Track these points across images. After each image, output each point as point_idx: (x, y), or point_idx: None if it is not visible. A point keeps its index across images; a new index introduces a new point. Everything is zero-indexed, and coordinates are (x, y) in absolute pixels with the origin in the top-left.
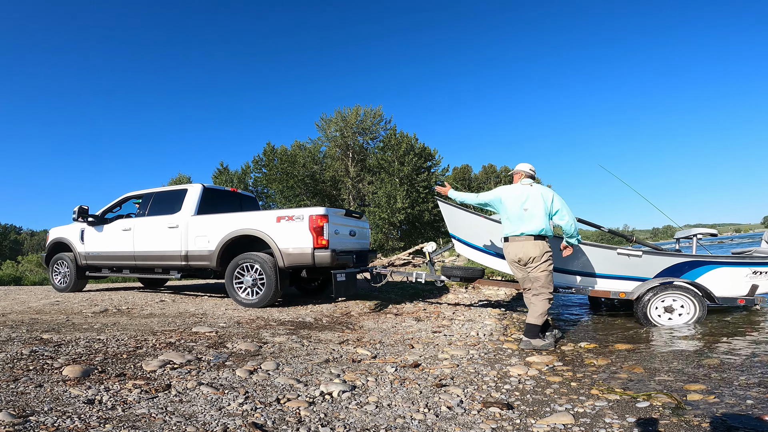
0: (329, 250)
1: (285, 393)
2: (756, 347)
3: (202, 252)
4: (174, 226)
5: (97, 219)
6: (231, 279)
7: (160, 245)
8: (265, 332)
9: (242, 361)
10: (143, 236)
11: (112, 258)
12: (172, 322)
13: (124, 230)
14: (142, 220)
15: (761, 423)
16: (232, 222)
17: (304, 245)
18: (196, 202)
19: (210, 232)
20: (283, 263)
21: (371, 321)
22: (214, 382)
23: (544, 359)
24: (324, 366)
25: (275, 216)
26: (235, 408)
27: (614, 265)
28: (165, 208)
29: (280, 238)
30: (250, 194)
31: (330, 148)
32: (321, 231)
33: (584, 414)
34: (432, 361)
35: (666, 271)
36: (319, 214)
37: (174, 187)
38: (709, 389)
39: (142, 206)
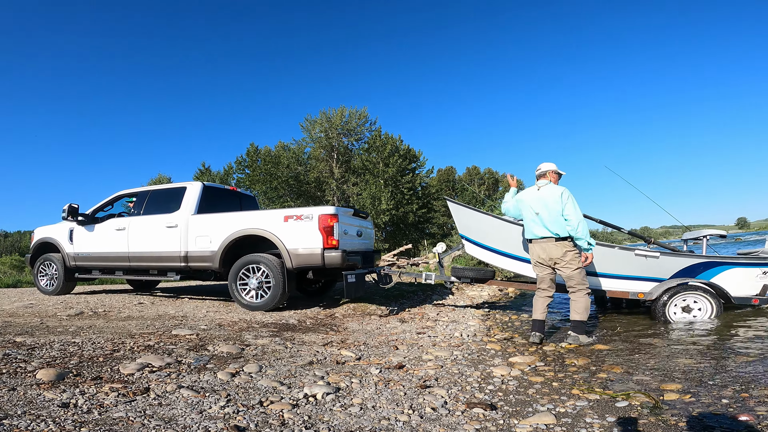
0: (340, 250)
1: (268, 395)
2: (732, 347)
3: (203, 253)
4: (172, 226)
5: (87, 218)
6: (235, 281)
7: (157, 245)
8: (248, 334)
9: (224, 364)
10: (139, 236)
11: (104, 259)
12: (151, 324)
13: (117, 230)
14: (137, 219)
15: (736, 422)
16: (236, 221)
17: (313, 245)
18: (196, 200)
19: (212, 232)
20: (291, 264)
21: (355, 323)
22: (195, 385)
23: (526, 359)
24: (308, 368)
25: (282, 215)
26: (217, 411)
27: (632, 266)
28: (162, 206)
29: (288, 238)
30: (249, 193)
31: (314, 149)
32: (331, 231)
33: (566, 414)
34: (416, 363)
35: (681, 272)
36: (330, 214)
37: (171, 185)
38: (685, 388)
39: (136, 205)
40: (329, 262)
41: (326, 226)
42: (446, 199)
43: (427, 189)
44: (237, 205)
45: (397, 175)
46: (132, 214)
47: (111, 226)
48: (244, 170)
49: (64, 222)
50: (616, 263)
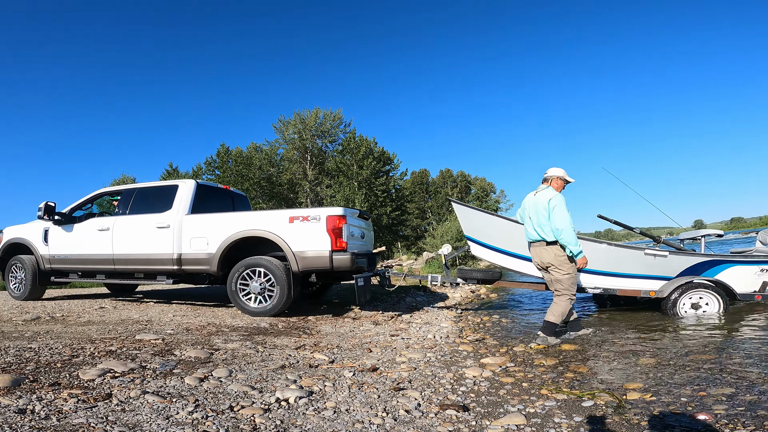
0: (349, 253)
1: (238, 400)
2: (690, 346)
3: (199, 255)
4: (164, 227)
5: (64, 217)
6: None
7: (147, 247)
8: (217, 339)
9: (192, 369)
10: (125, 237)
11: (84, 261)
12: (113, 329)
13: (100, 230)
14: (122, 219)
15: (694, 421)
16: (236, 222)
17: (321, 248)
18: (190, 199)
19: (209, 234)
20: (297, 267)
21: (329, 325)
22: (161, 391)
23: (497, 360)
24: (280, 372)
25: (288, 216)
26: (185, 417)
27: (641, 265)
28: (151, 206)
29: (294, 240)
30: (241, 192)
31: (287, 150)
32: (340, 233)
33: (535, 414)
34: (390, 365)
35: (687, 270)
36: (338, 215)
37: (161, 183)
38: (646, 387)
39: (122, 204)
40: (338, 265)
41: (335, 227)
42: (451, 200)
43: (400, 191)
44: (229, 204)
45: (371, 177)
46: (116, 214)
47: (92, 226)
48: (214, 171)
49: (38, 221)
50: (627, 263)
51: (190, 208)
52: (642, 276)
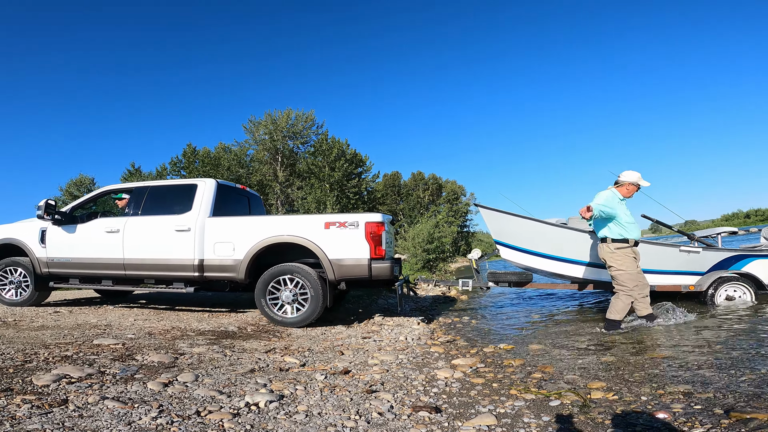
0: (388, 261)
1: (206, 405)
2: (648, 344)
3: (224, 262)
4: (184, 230)
5: (65, 217)
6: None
7: (163, 252)
8: (182, 343)
9: (155, 374)
10: (138, 241)
11: (89, 266)
12: (69, 334)
13: (108, 232)
14: (134, 220)
15: (654, 419)
16: (267, 226)
17: (360, 255)
18: (211, 200)
19: (236, 238)
20: (333, 276)
21: (300, 329)
22: (122, 396)
23: (468, 361)
24: (249, 376)
25: (323, 221)
26: (148, 422)
27: (677, 262)
28: (167, 206)
29: (330, 247)
30: (255, 193)
31: (258, 151)
32: (379, 240)
33: (505, 414)
34: (362, 367)
35: (717, 265)
36: (377, 221)
37: (177, 182)
38: (609, 386)
39: (133, 203)
40: (377, 274)
41: (374, 234)
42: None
43: (373, 194)
44: (245, 205)
45: (343, 180)
46: (126, 214)
47: (99, 227)
48: (179, 172)
49: (32, 221)
50: (666, 260)
51: (211, 210)
52: (679, 272)
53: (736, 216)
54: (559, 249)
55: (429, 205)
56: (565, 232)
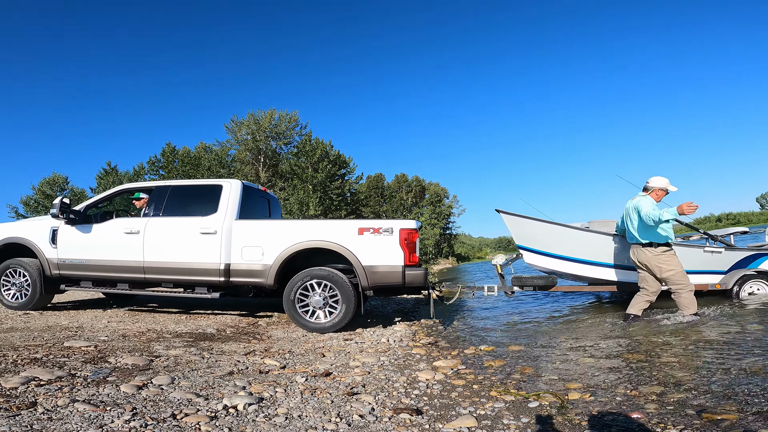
0: (422, 268)
1: (182, 408)
2: (627, 347)
3: (252, 266)
4: (210, 233)
5: (79, 217)
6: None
7: (187, 255)
8: (158, 345)
9: (128, 376)
10: (159, 243)
11: (105, 269)
12: (39, 336)
13: (128, 233)
14: (156, 221)
15: (629, 420)
16: (298, 231)
17: (394, 262)
18: (238, 202)
19: (266, 242)
20: (366, 282)
21: (280, 330)
22: (93, 399)
23: (449, 363)
24: (228, 378)
25: (357, 227)
26: (121, 425)
27: (702, 262)
28: (190, 208)
29: (364, 253)
30: (274, 195)
31: (240, 151)
32: (414, 247)
33: (485, 416)
34: (343, 370)
35: (736, 264)
36: (412, 228)
37: (201, 182)
38: (585, 387)
39: (153, 203)
40: (410, 281)
41: (409, 241)
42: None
43: (356, 195)
44: (266, 207)
45: (326, 181)
46: (147, 215)
47: (117, 228)
48: (158, 171)
49: (43, 219)
50: (692, 260)
51: (238, 213)
52: (704, 271)
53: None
54: (585, 252)
55: (412, 207)
56: (591, 236)
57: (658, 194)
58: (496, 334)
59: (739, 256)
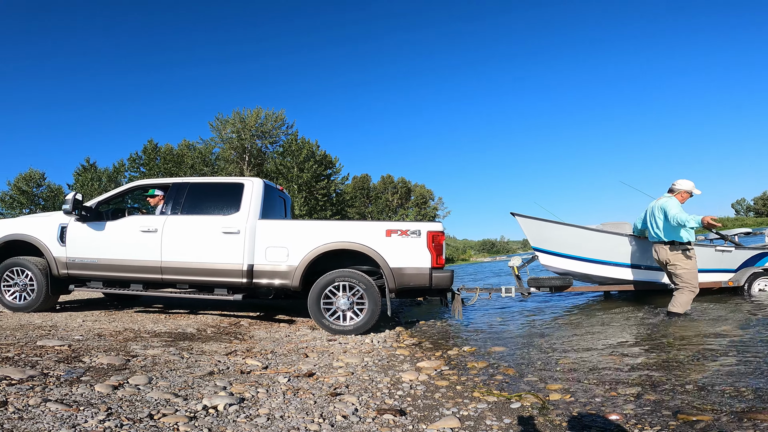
0: (449, 270)
1: (159, 408)
2: (603, 346)
3: (277, 267)
4: (233, 232)
5: (91, 213)
6: (319, 302)
7: (209, 256)
8: (135, 345)
9: (104, 376)
10: (179, 242)
11: (119, 268)
12: (11, 335)
13: (144, 232)
14: (174, 219)
15: (607, 421)
16: (325, 231)
17: (421, 264)
18: (260, 201)
19: (291, 243)
20: (393, 284)
21: (263, 330)
22: (66, 399)
23: (433, 364)
24: (208, 378)
25: (384, 229)
26: (95, 425)
27: (714, 261)
28: (210, 206)
29: (391, 255)
30: (288, 195)
31: (224, 150)
32: (441, 249)
33: (469, 417)
34: (327, 370)
35: (745, 263)
36: (439, 231)
37: (220, 180)
38: (565, 388)
39: (171, 201)
40: (437, 283)
41: (436, 244)
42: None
43: (341, 196)
44: (282, 207)
45: (311, 181)
46: (164, 213)
47: (133, 226)
48: (138, 168)
49: (50, 215)
50: (704, 259)
51: (261, 212)
52: (715, 270)
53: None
54: (602, 252)
55: (398, 208)
56: (608, 237)
57: (683, 196)
58: (480, 336)
59: (747, 255)
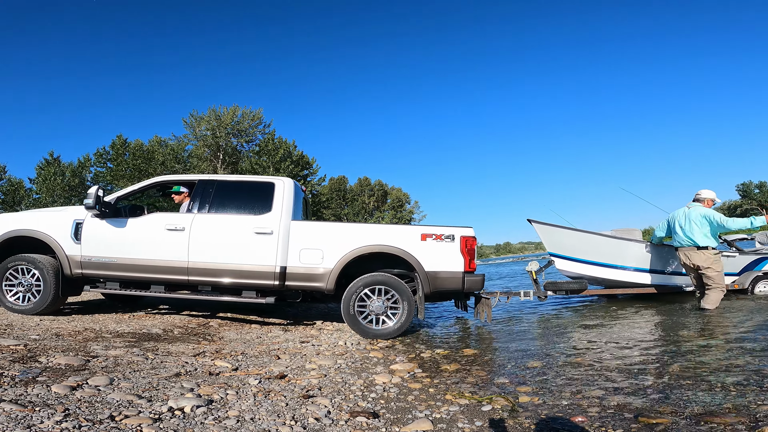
0: (481, 274)
1: (121, 409)
2: (570, 350)
3: (312, 270)
4: (266, 233)
5: (110, 210)
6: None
7: (240, 257)
8: (96, 345)
9: (61, 377)
10: (208, 242)
11: (141, 269)
12: None
13: (170, 230)
14: (202, 218)
15: (573, 425)
16: (360, 234)
17: (455, 268)
18: (292, 201)
19: (326, 245)
20: (429, 287)
21: (233, 332)
22: (20, 399)
23: (406, 366)
24: (174, 380)
25: (420, 233)
26: (51, 426)
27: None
28: (241, 205)
29: (427, 258)
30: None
31: (198, 147)
32: (473, 254)
33: (441, 419)
34: (299, 372)
35: (746, 267)
36: (471, 236)
37: (248, 178)
38: (534, 390)
39: (198, 198)
40: (469, 287)
41: (469, 248)
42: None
43: (317, 197)
44: (303, 207)
45: None
46: (190, 211)
47: (157, 224)
48: (105, 164)
49: (62, 210)
50: None
51: (293, 213)
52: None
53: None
54: (616, 257)
55: (374, 210)
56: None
57: (708, 204)
58: (453, 338)
59: (748, 260)
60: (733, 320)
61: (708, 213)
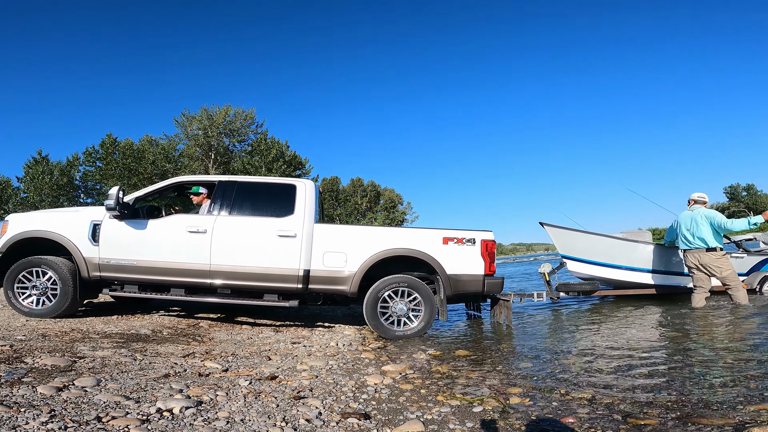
0: (500, 277)
1: (109, 411)
2: (560, 351)
3: (335, 273)
4: (289, 236)
5: (129, 211)
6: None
7: (263, 260)
8: (83, 346)
9: (47, 378)
10: (231, 244)
11: (161, 272)
12: None
13: (192, 233)
14: (224, 220)
15: (563, 426)
16: (383, 237)
17: (476, 271)
18: (315, 204)
19: (350, 249)
20: (450, 290)
21: (224, 332)
22: (6, 400)
23: (398, 368)
24: (163, 381)
25: (441, 236)
26: (37, 426)
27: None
28: (262, 207)
29: (449, 262)
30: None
31: (189, 146)
32: (493, 257)
33: (432, 421)
34: (290, 373)
35: (754, 267)
36: (491, 239)
37: (270, 180)
38: (524, 392)
39: (218, 200)
40: (489, 290)
41: (490, 252)
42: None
43: None
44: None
45: None
46: (211, 213)
47: (178, 225)
48: (94, 163)
49: (78, 210)
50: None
51: (316, 215)
52: None
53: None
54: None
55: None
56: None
57: (706, 206)
58: (445, 339)
59: (756, 261)
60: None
61: (710, 214)
